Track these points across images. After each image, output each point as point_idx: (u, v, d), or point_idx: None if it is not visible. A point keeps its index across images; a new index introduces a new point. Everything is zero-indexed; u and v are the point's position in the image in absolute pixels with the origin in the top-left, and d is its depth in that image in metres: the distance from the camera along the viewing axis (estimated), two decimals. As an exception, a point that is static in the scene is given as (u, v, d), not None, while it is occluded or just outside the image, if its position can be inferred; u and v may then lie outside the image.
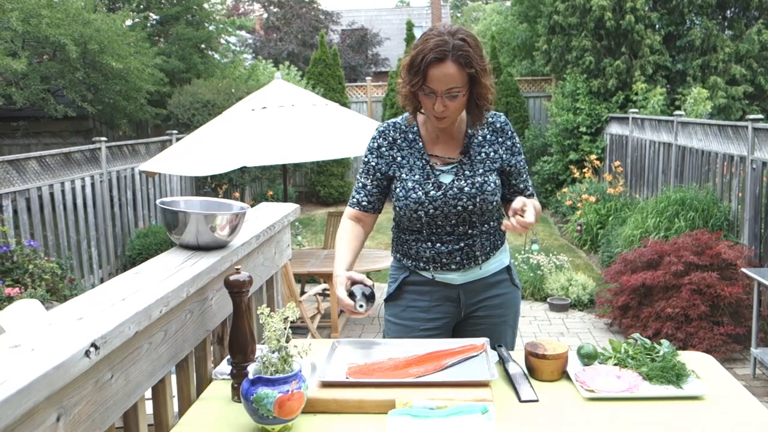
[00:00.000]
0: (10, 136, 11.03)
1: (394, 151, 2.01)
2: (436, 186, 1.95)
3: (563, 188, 9.63)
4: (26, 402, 0.98)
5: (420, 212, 1.95)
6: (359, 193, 2.05)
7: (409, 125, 2.03)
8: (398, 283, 2.08)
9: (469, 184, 1.95)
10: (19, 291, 4.53)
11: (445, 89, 1.80)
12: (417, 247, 2.02)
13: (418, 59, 1.80)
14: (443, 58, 1.77)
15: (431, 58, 1.77)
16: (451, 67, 1.78)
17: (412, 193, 1.95)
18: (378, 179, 2.03)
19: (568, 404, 1.50)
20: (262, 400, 1.32)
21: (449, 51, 1.77)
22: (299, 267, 5.15)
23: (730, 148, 5.52)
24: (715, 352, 4.26)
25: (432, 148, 2.01)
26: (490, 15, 14.38)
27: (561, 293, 5.91)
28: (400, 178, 1.99)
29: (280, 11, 18.81)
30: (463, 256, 1.99)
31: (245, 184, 9.35)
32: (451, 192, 1.94)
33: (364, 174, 2.05)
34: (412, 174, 1.97)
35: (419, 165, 1.98)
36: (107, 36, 8.05)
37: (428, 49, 1.78)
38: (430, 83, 1.80)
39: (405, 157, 2.00)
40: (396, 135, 2.03)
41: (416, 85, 1.82)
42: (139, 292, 1.45)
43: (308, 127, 4.92)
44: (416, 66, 1.80)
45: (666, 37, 9.55)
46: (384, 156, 2.02)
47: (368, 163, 2.04)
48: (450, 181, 1.96)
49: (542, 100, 11.89)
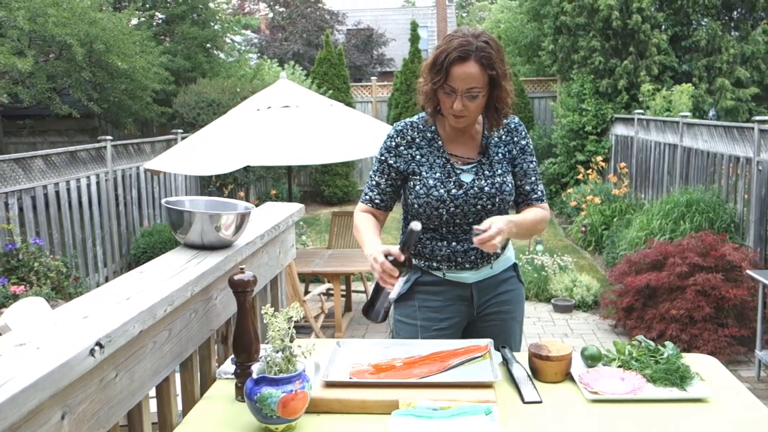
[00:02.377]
0: (16, 134, 11.08)
1: (413, 149, 2.01)
2: (458, 185, 1.96)
3: (568, 189, 9.62)
4: (31, 400, 0.98)
5: (441, 210, 1.96)
6: (372, 191, 2.05)
7: (427, 125, 2.03)
8: (410, 283, 2.07)
9: (489, 183, 1.97)
10: (24, 289, 4.55)
11: (466, 88, 1.83)
12: (432, 245, 2.02)
13: (442, 57, 1.82)
14: (466, 57, 1.80)
15: (454, 57, 1.80)
16: (473, 67, 1.81)
17: (434, 191, 1.96)
18: (393, 178, 2.03)
19: (571, 406, 1.50)
20: (266, 399, 1.32)
21: (472, 51, 1.81)
22: (303, 267, 5.16)
23: (736, 149, 5.50)
24: (720, 354, 4.25)
25: (451, 147, 2.02)
26: (496, 15, 14.32)
27: (565, 294, 5.90)
28: (420, 176, 1.98)
29: (286, 11, 18.82)
30: (477, 255, 2.01)
31: (250, 184, 9.36)
32: (472, 191, 1.96)
33: (378, 173, 2.04)
34: (433, 172, 1.98)
35: (439, 163, 1.98)
36: (113, 35, 8.08)
37: (452, 48, 1.81)
38: (452, 81, 1.83)
39: (424, 155, 2.00)
40: (414, 134, 2.02)
41: (438, 83, 1.84)
42: (143, 291, 1.46)
43: (313, 128, 4.92)
44: (439, 64, 1.83)
45: (672, 37, 9.53)
46: (402, 155, 2.01)
47: (384, 161, 2.03)
48: (471, 180, 1.97)
49: (547, 100, 11.87)
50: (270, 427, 1.36)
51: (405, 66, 11.98)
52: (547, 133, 10.99)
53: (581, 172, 9.33)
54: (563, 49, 10.14)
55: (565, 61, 10.26)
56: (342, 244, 6.23)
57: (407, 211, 2.08)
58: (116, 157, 7.07)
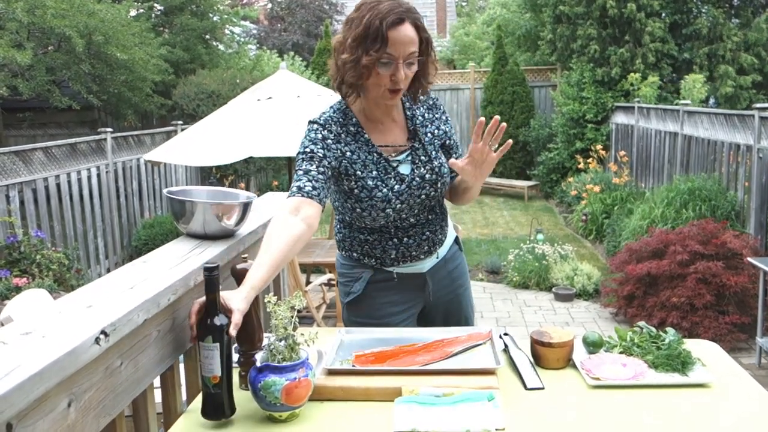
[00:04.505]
0: (16, 127, 11.07)
1: (341, 145, 1.81)
2: (399, 179, 1.83)
3: (568, 178, 9.61)
4: (38, 387, 0.99)
5: (388, 209, 1.82)
6: (300, 180, 1.71)
7: (347, 117, 1.84)
8: (365, 282, 1.96)
9: (429, 170, 1.86)
10: (26, 281, 4.56)
11: (407, 54, 1.69)
12: (382, 246, 1.91)
13: (375, 23, 1.64)
14: (403, 19, 1.66)
15: (391, 20, 1.64)
16: (410, 29, 1.68)
17: (377, 191, 1.81)
18: (325, 167, 1.74)
19: (573, 392, 1.50)
20: (270, 387, 1.33)
21: (405, 13, 1.67)
22: (304, 257, 5.16)
23: (737, 137, 5.49)
24: (721, 341, 4.26)
25: (377, 137, 1.85)
26: (493, 7, 14.26)
27: (566, 283, 5.91)
28: (356, 177, 1.80)
29: (285, 1, 18.75)
30: (429, 244, 1.94)
31: (250, 175, 9.36)
32: (414, 182, 1.84)
33: (306, 161, 1.74)
34: (369, 171, 1.81)
35: (372, 159, 1.82)
36: (112, 27, 8.05)
37: (385, 12, 1.65)
38: (391, 48, 1.66)
39: (354, 152, 1.81)
40: (338, 129, 1.82)
41: (379, 51, 1.65)
42: (147, 280, 1.46)
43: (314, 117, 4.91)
44: (374, 32, 1.65)
45: (672, 25, 9.49)
46: (332, 149, 1.78)
47: (313, 153, 1.75)
48: (410, 171, 1.85)
49: (548, 89, 11.85)
50: (274, 415, 1.37)
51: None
52: (548, 122, 10.97)
53: (581, 162, 9.32)
54: (562, 38, 10.11)
55: (564, 50, 10.23)
56: (343, 235, 6.23)
57: (344, 213, 1.92)
58: (116, 149, 7.06)
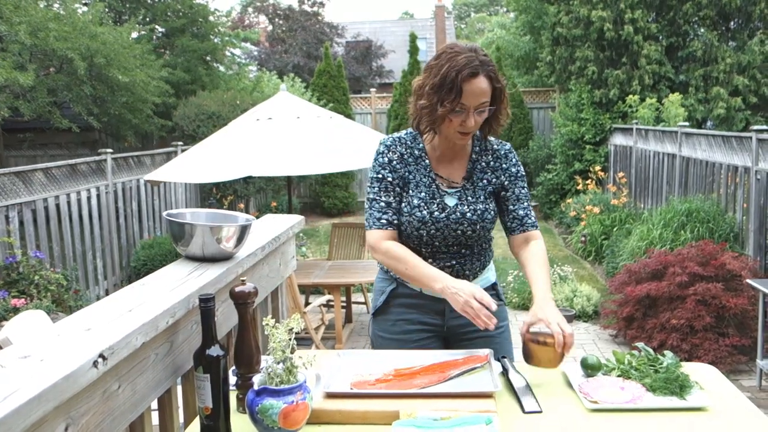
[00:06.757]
0: (17, 147, 11.12)
1: (403, 165, 1.97)
2: (441, 207, 1.94)
3: (567, 199, 9.64)
4: (36, 412, 0.99)
5: (422, 231, 1.94)
6: (386, 213, 1.95)
7: (415, 142, 1.99)
8: (386, 295, 2.04)
9: (472, 210, 1.95)
10: (24, 302, 4.55)
11: (478, 104, 1.82)
12: None
13: (452, 75, 1.78)
14: (477, 72, 1.79)
15: (467, 74, 1.77)
16: (484, 81, 1.80)
17: (417, 211, 1.93)
18: (398, 194, 1.96)
19: (571, 415, 1.50)
20: (267, 410, 1.33)
21: (480, 66, 1.79)
22: (304, 278, 5.16)
23: (735, 158, 5.52)
24: (721, 363, 4.25)
25: (437, 167, 1.99)
26: (493, 28, 14.44)
27: (566, 304, 5.90)
28: (407, 194, 1.96)
29: (285, 23, 18.94)
30: (453, 273, 1.95)
31: (250, 195, 9.38)
32: (454, 216, 1.94)
33: (383, 192, 1.96)
34: (419, 191, 1.95)
35: (425, 182, 1.96)
36: (113, 49, 8.13)
37: (462, 65, 1.78)
38: (465, 99, 1.80)
39: (412, 173, 1.97)
40: (402, 149, 1.99)
41: (454, 102, 1.79)
42: (145, 303, 1.46)
43: (313, 139, 4.95)
44: (450, 82, 1.78)
45: (668, 48, 9.59)
46: (397, 170, 1.96)
47: (384, 179, 1.96)
48: (454, 205, 1.95)
49: (547, 110, 11.93)
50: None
51: (404, 77, 12.05)
52: (547, 144, 11.03)
53: (580, 183, 9.35)
54: (561, 60, 10.21)
55: (562, 71, 10.32)
56: (342, 256, 6.24)
57: None
58: (116, 169, 7.09)
